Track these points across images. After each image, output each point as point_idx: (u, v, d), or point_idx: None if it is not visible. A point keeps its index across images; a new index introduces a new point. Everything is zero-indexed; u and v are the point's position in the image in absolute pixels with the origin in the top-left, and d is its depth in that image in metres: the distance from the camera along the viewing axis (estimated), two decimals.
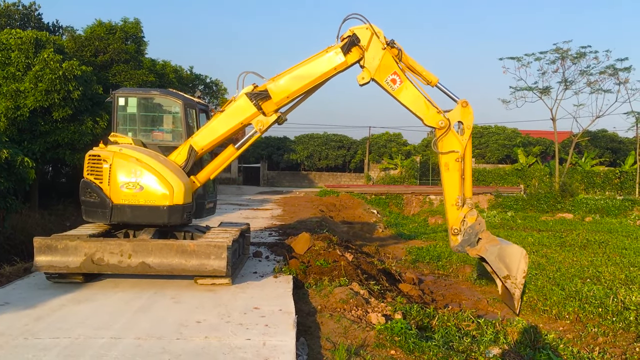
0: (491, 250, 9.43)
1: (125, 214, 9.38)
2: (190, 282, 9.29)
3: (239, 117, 9.73)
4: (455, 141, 9.44)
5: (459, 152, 9.42)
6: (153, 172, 9.29)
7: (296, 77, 9.44)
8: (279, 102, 9.59)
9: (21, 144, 18.51)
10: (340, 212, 26.93)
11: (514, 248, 9.30)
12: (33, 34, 19.54)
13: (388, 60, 9.28)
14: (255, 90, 9.63)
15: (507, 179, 44.76)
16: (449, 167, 9.51)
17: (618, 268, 13.13)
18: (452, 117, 9.48)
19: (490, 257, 9.44)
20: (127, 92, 10.45)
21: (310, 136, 54.25)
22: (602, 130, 50.26)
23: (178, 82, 29.56)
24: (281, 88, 9.47)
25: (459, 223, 9.56)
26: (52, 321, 7.10)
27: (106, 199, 9.32)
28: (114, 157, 9.37)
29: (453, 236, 9.67)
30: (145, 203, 9.29)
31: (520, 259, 9.05)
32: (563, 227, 22.23)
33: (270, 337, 6.59)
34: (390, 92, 9.39)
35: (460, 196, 9.51)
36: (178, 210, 9.41)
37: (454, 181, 9.53)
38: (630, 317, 9.19)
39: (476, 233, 9.53)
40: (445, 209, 9.84)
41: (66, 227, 15.84)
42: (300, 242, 12.04)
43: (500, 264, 9.28)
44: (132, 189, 9.26)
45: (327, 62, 9.33)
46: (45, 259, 8.73)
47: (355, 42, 9.23)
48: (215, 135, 9.82)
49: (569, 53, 35.17)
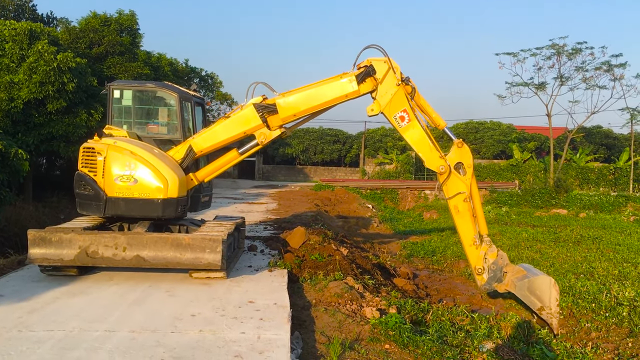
0: (519, 285, 9.40)
1: (119, 207, 9.35)
2: (185, 276, 9.29)
3: (243, 126, 9.71)
4: (459, 183, 9.48)
5: (465, 193, 9.44)
6: (147, 165, 9.26)
7: (306, 97, 9.46)
8: (285, 119, 9.61)
9: (15, 135, 18.42)
10: (336, 206, 26.94)
11: (542, 279, 9.23)
12: (27, 25, 19.43)
13: (400, 97, 9.27)
14: (264, 102, 9.60)
15: (502, 174, 44.87)
16: (459, 209, 9.52)
17: (611, 264, 13.19)
18: (451, 159, 9.50)
19: (520, 293, 9.43)
20: (123, 85, 10.40)
21: (305, 130, 54.16)
22: (597, 127, 50.37)
23: (173, 75, 29.44)
24: (290, 105, 9.49)
25: (481, 262, 9.58)
26: (46, 314, 7.08)
27: (100, 191, 9.29)
28: (109, 150, 9.33)
29: (478, 276, 9.67)
30: (139, 196, 9.26)
31: (551, 289, 8.98)
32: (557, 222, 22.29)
33: (265, 331, 6.59)
34: (397, 128, 9.46)
35: (477, 235, 9.52)
36: (172, 204, 9.39)
37: (467, 222, 9.53)
38: (623, 312, 9.23)
39: (501, 268, 9.55)
40: (465, 251, 9.83)
41: (60, 220, 15.79)
42: (296, 236, 12.04)
43: (532, 298, 9.21)
44: (127, 181, 9.23)
45: (340, 88, 9.36)
46: (40, 251, 8.69)
47: (371, 73, 9.25)
48: (217, 140, 9.82)
49: (565, 49, 35.21)
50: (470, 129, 50.51)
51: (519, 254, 14.63)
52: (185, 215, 10.51)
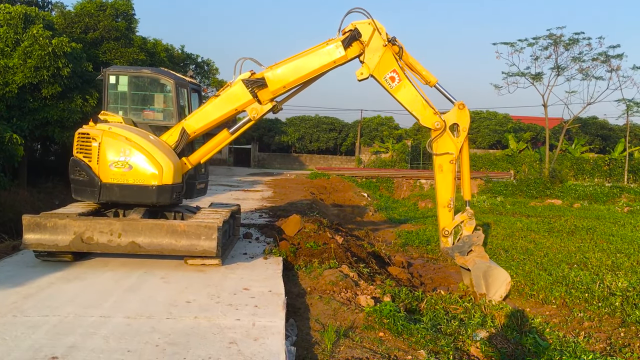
0: (479, 265, 9.52)
1: (114, 193, 9.32)
2: (180, 262, 9.29)
3: (233, 103, 9.64)
4: (450, 143, 9.46)
5: (453, 154, 9.46)
6: (142, 151, 9.22)
7: (294, 68, 9.35)
8: (275, 91, 9.52)
9: (10, 120, 18.30)
10: (331, 194, 26.95)
11: (500, 272, 9.45)
12: (22, 9, 19.25)
13: (388, 57, 9.22)
14: (253, 77, 9.51)
15: (498, 164, 44.94)
16: (443, 168, 9.55)
17: (605, 254, 13.25)
18: (448, 118, 9.47)
19: (475, 272, 9.53)
20: (118, 70, 10.34)
21: (301, 118, 54.10)
22: (592, 117, 50.49)
23: (169, 61, 29.26)
24: (278, 77, 9.38)
25: (450, 225, 9.69)
26: (41, 299, 7.08)
27: (95, 177, 9.26)
28: (103, 136, 9.29)
29: (443, 238, 9.80)
30: (134, 182, 9.23)
31: (503, 285, 9.27)
32: (552, 213, 22.36)
33: (259, 318, 6.61)
34: (388, 90, 9.35)
35: (453, 198, 9.60)
36: (167, 190, 9.35)
37: (447, 183, 9.60)
38: (616, 302, 9.29)
39: (471, 244, 9.66)
40: (437, 211, 9.94)
41: (55, 205, 15.74)
42: (291, 224, 12.05)
43: (482, 282, 9.37)
44: (121, 167, 9.20)
45: (326, 55, 9.26)
46: (34, 237, 8.68)
47: (357, 37, 9.16)
48: (209, 120, 9.74)
49: (562, 39, 35.13)
50: None
51: (513, 243, 14.69)
52: (180, 202, 10.50)
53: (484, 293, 9.29)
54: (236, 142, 52.89)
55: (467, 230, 9.70)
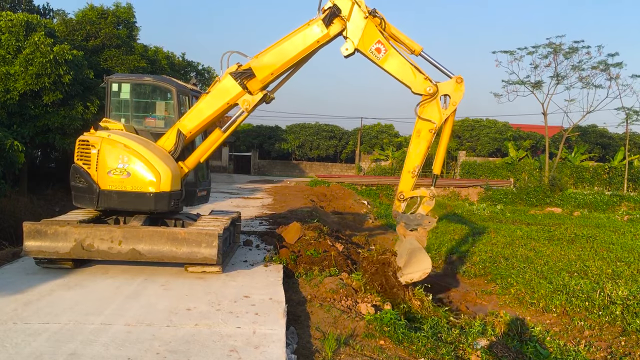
0: (411, 242, 9.32)
1: (112, 200, 9.33)
2: (180, 270, 9.29)
3: (224, 97, 9.57)
4: (435, 111, 9.24)
5: (435, 124, 9.24)
6: (140, 158, 9.23)
7: (279, 53, 9.25)
8: (263, 80, 9.44)
9: (10, 127, 18.32)
10: (331, 202, 26.95)
11: (425, 259, 9.06)
12: (24, 17, 19.31)
13: (371, 29, 9.06)
14: (240, 69, 9.45)
15: (498, 172, 44.94)
16: (421, 134, 9.40)
17: (605, 262, 13.25)
18: (442, 87, 9.21)
19: (405, 245, 9.39)
20: (121, 78, 10.38)
21: (301, 126, 54.19)
22: (592, 126, 50.56)
23: (170, 69, 29.34)
24: (265, 65, 9.29)
25: (408, 193, 9.58)
26: (41, 306, 7.08)
27: (93, 184, 9.28)
28: (102, 143, 9.31)
29: (397, 201, 9.65)
30: (132, 189, 9.23)
31: (419, 271, 8.96)
32: (552, 221, 22.37)
33: (260, 326, 6.61)
34: (375, 62, 9.15)
35: (419, 166, 9.45)
36: (165, 197, 9.33)
37: (419, 150, 9.44)
38: (617, 311, 9.29)
39: (419, 223, 9.52)
40: (401, 174, 9.73)
41: (55, 212, 15.76)
42: (291, 231, 12.05)
43: (404, 257, 9.18)
44: (120, 174, 9.22)
45: (309, 35, 9.15)
46: (35, 244, 8.69)
47: (337, 13, 9.00)
48: (202, 117, 9.69)
49: (562, 48, 35.30)
50: (467, 126, 50.58)
51: (514, 251, 14.68)
52: (180, 209, 10.51)
53: (400, 268, 9.15)
54: (236, 150, 53.01)
55: (423, 209, 9.60)
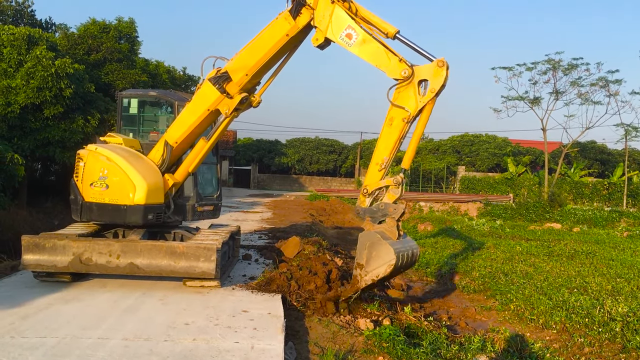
0: (368, 235, 8.25)
1: (93, 212, 9.46)
2: (178, 284, 9.26)
3: (205, 103, 9.36)
4: (411, 99, 8.15)
5: (409, 113, 8.14)
6: (118, 170, 9.30)
7: (250, 52, 8.96)
8: (239, 82, 9.16)
9: (11, 140, 18.37)
10: (330, 216, 26.93)
11: (387, 250, 7.97)
12: (26, 31, 19.46)
13: (339, 14, 8.39)
14: (217, 74, 9.23)
15: (497, 187, 44.93)
16: (393, 123, 8.30)
17: (605, 279, 13.20)
18: (420, 72, 8.14)
19: (362, 239, 8.30)
20: (130, 93, 10.68)
21: (301, 140, 54.27)
22: (591, 142, 50.65)
23: (171, 83, 29.47)
24: (238, 66, 9.08)
25: (373, 185, 8.49)
26: (38, 320, 7.06)
27: (78, 196, 9.51)
28: (88, 156, 9.54)
29: (362, 196, 8.60)
30: (109, 201, 9.34)
31: (383, 264, 7.96)
32: (551, 236, 22.32)
33: (258, 341, 6.58)
34: (349, 50, 8.42)
35: (388, 159, 8.36)
36: (138, 211, 9.26)
37: (389, 140, 8.37)
38: (617, 328, 9.24)
39: (384, 214, 8.35)
40: (369, 167, 8.71)
41: (54, 226, 15.74)
42: (290, 245, 12.04)
43: (364, 253, 8.16)
44: (100, 187, 9.35)
45: (278, 28, 8.72)
46: (33, 257, 8.69)
47: (302, 2, 8.50)
48: (186, 126, 9.57)
49: (561, 64, 35.45)
50: (466, 141, 50.68)
51: (513, 267, 14.63)
52: (179, 223, 10.51)
53: (362, 265, 8.19)
54: (236, 163, 53.06)
55: (388, 198, 8.39)
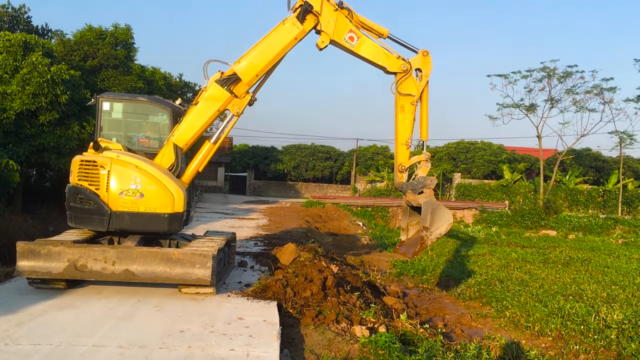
0: (430, 202, 10.04)
1: (124, 221, 9.32)
2: (174, 291, 9.23)
3: (215, 105, 9.84)
4: (413, 85, 10.24)
5: (415, 96, 10.23)
6: (153, 179, 9.32)
7: (261, 54, 9.77)
8: (249, 82, 9.89)
9: (6, 146, 18.32)
10: (326, 223, 26.90)
11: (446, 212, 10.04)
12: (22, 37, 19.44)
13: (342, 20, 9.87)
14: (223, 76, 9.79)
15: (492, 194, 45.02)
16: (405, 109, 10.29)
17: (600, 286, 13.24)
18: (413, 63, 10.22)
19: (425, 206, 9.96)
20: (113, 97, 10.41)
21: (297, 147, 54.29)
22: (586, 149, 50.82)
23: (167, 89, 29.43)
24: (249, 67, 9.76)
25: (407, 162, 10.46)
26: (33, 327, 7.02)
27: (104, 206, 9.21)
28: (112, 164, 9.29)
29: (400, 173, 10.53)
30: (145, 210, 9.28)
31: (445, 224, 9.92)
32: (546, 243, 22.38)
33: (254, 348, 6.56)
34: (351, 49, 9.99)
35: (411, 137, 10.39)
36: (178, 218, 9.52)
37: (407, 122, 10.33)
38: (612, 335, 9.27)
39: (424, 185, 10.24)
40: (396, 147, 10.60)
41: (49, 232, 15.67)
42: (286, 252, 12.01)
43: (429, 216, 9.87)
44: (132, 196, 9.24)
45: (287, 33, 9.77)
46: (28, 264, 8.63)
47: (309, 9, 9.70)
48: (196, 128, 9.92)
49: (556, 72, 35.62)
50: (462, 148, 50.80)
51: (509, 274, 14.66)
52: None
53: (427, 227, 9.84)
54: (232, 170, 53.01)
55: (422, 172, 10.43)
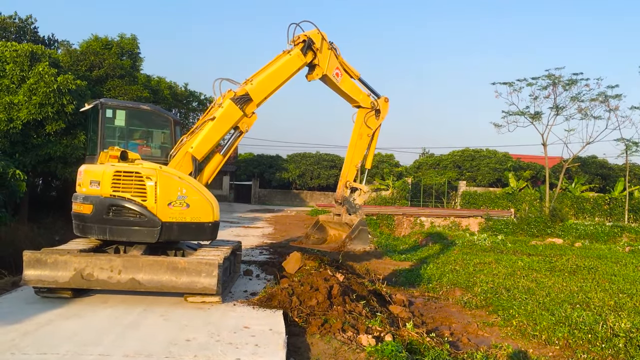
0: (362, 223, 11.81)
1: (172, 232, 9.39)
2: (180, 299, 9.23)
3: (229, 122, 10.38)
4: (374, 122, 12.46)
5: (372, 130, 12.47)
6: (196, 190, 9.52)
7: (270, 79, 10.65)
8: (259, 103, 10.69)
9: (13, 156, 18.43)
10: None
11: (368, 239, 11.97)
12: (28, 47, 19.61)
13: (332, 58, 11.39)
14: (237, 95, 10.36)
15: (498, 202, 44.90)
16: (362, 137, 12.47)
17: (607, 294, 13.15)
18: (377, 104, 12.38)
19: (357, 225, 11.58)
20: (116, 104, 10.48)
21: (302, 155, 54.38)
22: (592, 157, 50.68)
23: (172, 99, 29.59)
24: (260, 90, 10.55)
25: (351, 180, 12.47)
26: (39, 336, 7.02)
27: (153, 217, 9.19)
28: (158, 175, 9.29)
29: (345, 188, 12.38)
30: (191, 220, 9.43)
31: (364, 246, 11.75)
32: (553, 251, 22.25)
33: (260, 357, 6.55)
34: (336, 83, 11.53)
35: (361, 161, 12.61)
36: (217, 226, 9.85)
37: (361, 149, 12.56)
38: (620, 343, 9.20)
39: (355, 211, 12.22)
40: (346, 165, 12.58)
41: (55, 241, 15.73)
42: (291, 261, 12.01)
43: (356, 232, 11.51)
44: (180, 206, 9.35)
45: (293, 62, 10.86)
46: (34, 273, 8.64)
47: (311, 45, 10.94)
48: (213, 142, 10.31)
49: (561, 80, 35.58)
50: (467, 156, 50.75)
51: (515, 282, 14.58)
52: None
53: (352, 238, 11.43)
54: (237, 179, 53.10)
55: (359, 200, 12.43)
